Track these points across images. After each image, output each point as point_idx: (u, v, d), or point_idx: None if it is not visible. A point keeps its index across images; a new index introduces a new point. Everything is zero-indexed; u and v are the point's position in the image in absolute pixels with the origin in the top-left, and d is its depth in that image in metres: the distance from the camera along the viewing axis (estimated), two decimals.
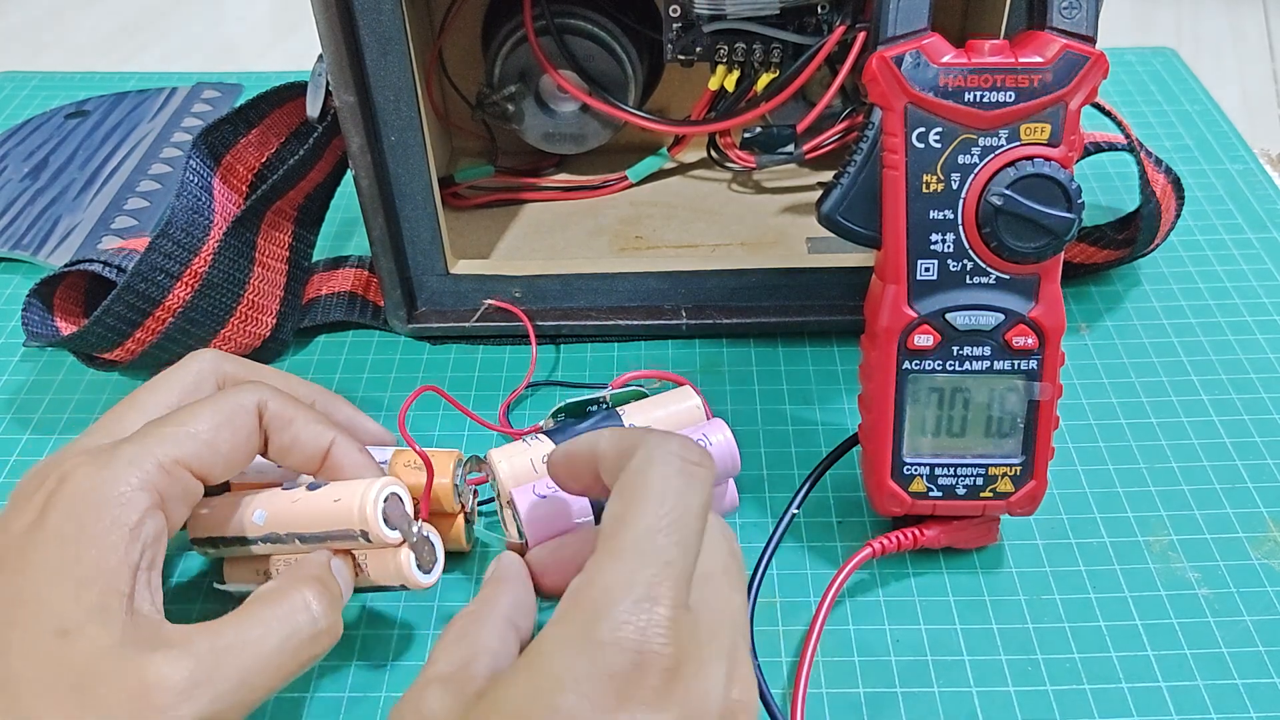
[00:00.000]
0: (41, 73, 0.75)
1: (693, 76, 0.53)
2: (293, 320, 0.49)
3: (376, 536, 0.33)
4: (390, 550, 0.34)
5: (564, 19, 0.49)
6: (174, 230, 0.44)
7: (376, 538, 0.33)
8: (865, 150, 0.33)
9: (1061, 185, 0.32)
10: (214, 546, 0.36)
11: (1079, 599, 0.37)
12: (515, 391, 0.47)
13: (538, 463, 0.37)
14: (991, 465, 0.36)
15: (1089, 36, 0.32)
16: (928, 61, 0.32)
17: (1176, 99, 0.67)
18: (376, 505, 0.33)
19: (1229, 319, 0.49)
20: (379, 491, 0.33)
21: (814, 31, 0.45)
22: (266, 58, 0.79)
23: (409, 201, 0.45)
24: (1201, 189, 0.58)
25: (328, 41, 0.39)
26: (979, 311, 0.34)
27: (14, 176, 0.62)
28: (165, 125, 0.66)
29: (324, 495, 0.34)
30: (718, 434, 0.37)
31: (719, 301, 0.48)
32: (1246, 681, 0.35)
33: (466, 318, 0.48)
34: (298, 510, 0.34)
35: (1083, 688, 0.35)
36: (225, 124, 0.46)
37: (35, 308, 0.46)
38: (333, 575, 0.33)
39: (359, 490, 0.33)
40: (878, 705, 0.34)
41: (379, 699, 0.35)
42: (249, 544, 0.35)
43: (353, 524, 0.33)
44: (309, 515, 0.34)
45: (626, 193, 0.55)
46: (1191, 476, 0.42)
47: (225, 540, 0.35)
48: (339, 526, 0.33)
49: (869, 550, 0.37)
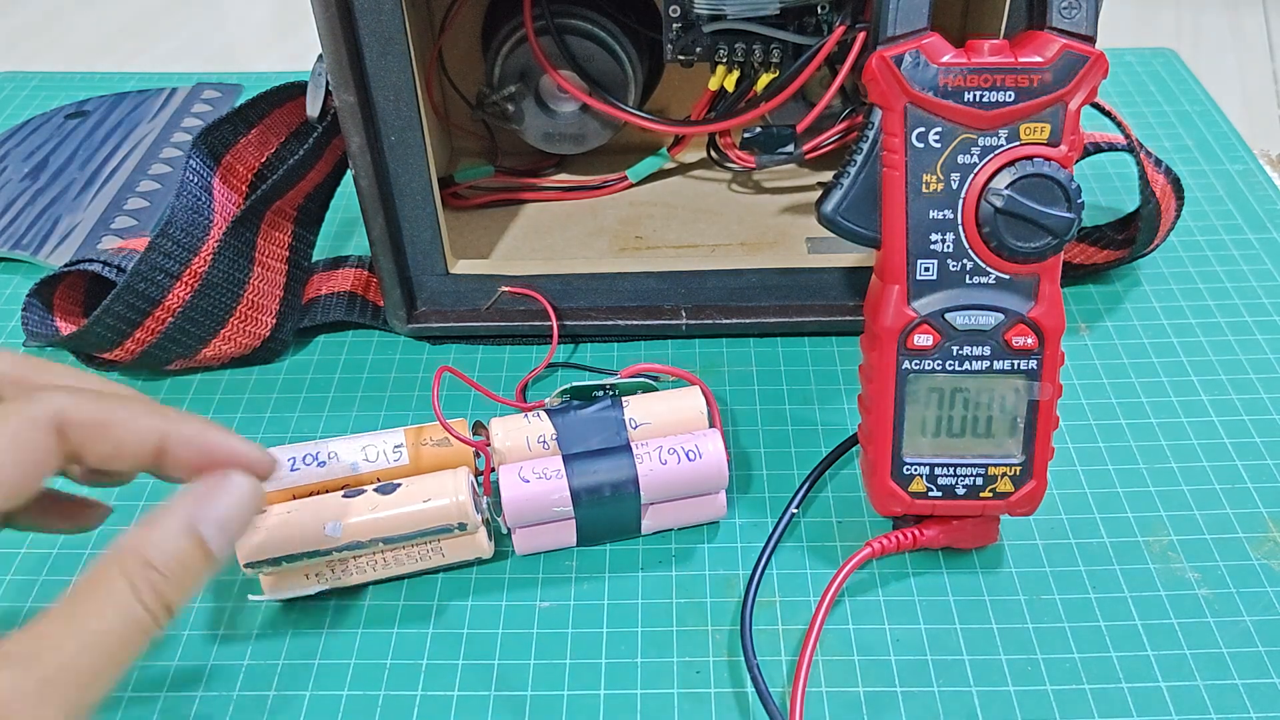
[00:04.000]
0: (41, 73, 0.75)
1: (693, 76, 0.53)
2: (292, 320, 0.49)
3: (473, 524, 0.35)
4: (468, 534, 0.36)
5: (564, 19, 0.49)
6: (174, 230, 0.44)
7: (473, 525, 0.35)
8: (865, 150, 0.33)
9: (1061, 185, 0.32)
10: (274, 565, 0.36)
11: (1079, 599, 0.37)
12: (534, 371, 0.47)
13: (532, 441, 0.38)
14: (991, 465, 0.36)
15: (1089, 36, 0.32)
16: (927, 61, 0.32)
17: (1176, 99, 0.67)
18: (470, 498, 0.35)
19: (1229, 319, 0.49)
20: (469, 484, 0.35)
21: (814, 31, 0.45)
22: (266, 58, 0.79)
23: (409, 201, 0.45)
24: (1201, 189, 0.58)
25: (328, 41, 0.39)
26: (979, 311, 0.34)
27: (14, 176, 0.62)
28: (165, 125, 0.66)
29: (409, 497, 0.35)
30: (708, 444, 0.38)
31: (719, 301, 0.48)
32: (1246, 681, 0.35)
33: (467, 318, 0.48)
34: (382, 517, 0.35)
35: (1082, 688, 0.35)
36: (225, 124, 0.46)
37: (35, 308, 0.46)
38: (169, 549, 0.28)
39: (449, 487, 0.35)
40: (877, 704, 0.35)
41: (378, 697, 0.35)
42: (322, 556, 0.35)
43: (452, 519, 0.35)
44: (399, 520, 0.35)
45: (626, 193, 0.55)
46: (1191, 477, 0.42)
47: (291, 558, 0.35)
48: (436, 524, 0.35)
49: (869, 550, 0.37)
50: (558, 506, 0.37)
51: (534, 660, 0.36)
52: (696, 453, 0.37)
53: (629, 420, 0.38)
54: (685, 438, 0.38)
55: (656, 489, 0.37)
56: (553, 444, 0.38)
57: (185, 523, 0.28)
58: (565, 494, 0.37)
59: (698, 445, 0.38)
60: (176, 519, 0.28)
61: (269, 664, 0.36)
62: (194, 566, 0.28)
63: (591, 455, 0.37)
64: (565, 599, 0.38)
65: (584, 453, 0.38)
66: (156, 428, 0.29)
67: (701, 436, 0.38)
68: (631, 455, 0.37)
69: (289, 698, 0.35)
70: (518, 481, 0.37)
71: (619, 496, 0.37)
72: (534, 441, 0.38)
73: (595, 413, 0.39)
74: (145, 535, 0.28)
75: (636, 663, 0.36)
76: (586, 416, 0.38)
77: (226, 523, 0.29)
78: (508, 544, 0.40)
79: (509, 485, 0.37)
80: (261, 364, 0.49)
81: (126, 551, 0.27)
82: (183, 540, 0.28)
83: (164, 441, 0.29)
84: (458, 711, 0.35)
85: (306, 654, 0.37)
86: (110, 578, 0.27)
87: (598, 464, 0.37)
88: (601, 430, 0.38)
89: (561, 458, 0.37)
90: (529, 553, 0.39)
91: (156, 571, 0.27)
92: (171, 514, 0.28)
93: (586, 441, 0.38)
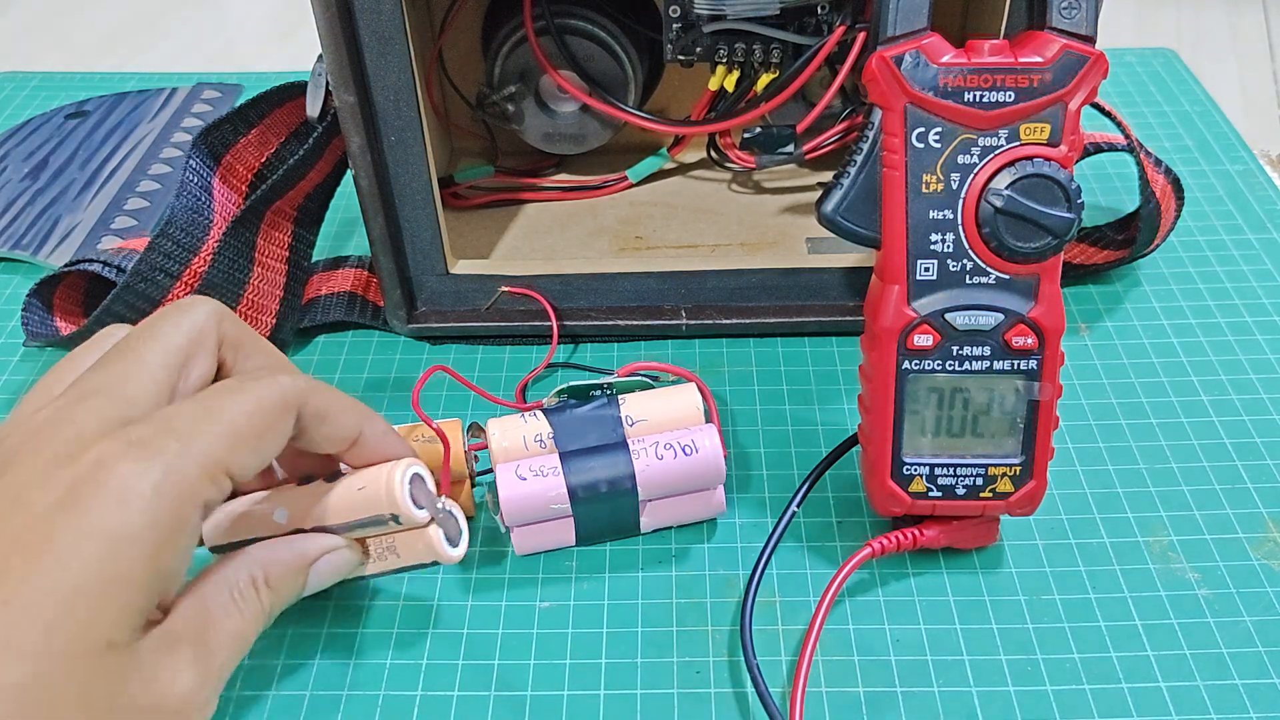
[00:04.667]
0: (41, 73, 0.75)
1: (693, 76, 0.53)
2: (292, 320, 0.49)
3: (408, 518, 0.33)
4: (419, 530, 0.34)
5: (564, 19, 0.49)
6: (173, 230, 0.44)
7: (408, 519, 0.33)
8: (865, 150, 0.33)
9: (1061, 185, 0.32)
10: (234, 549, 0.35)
11: (1079, 599, 0.37)
12: (534, 371, 0.47)
13: (529, 440, 0.38)
14: (991, 465, 0.36)
15: (1089, 36, 0.32)
16: (927, 61, 0.32)
17: (1176, 99, 0.67)
18: (404, 487, 0.32)
19: (1229, 320, 0.49)
20: (404, 473, 0.33)
21: (814, 32, 0.45)
22: (266, 58, 0.79)
23: (409, 201, 0.45)
24: (1201, 189, 0.58)
25: (328, 41, 0.39)
26: (979, 311, 0.34)
27: (14, 176, 0.62)
28: (165, 125, 0.66)
29: (347, 485, 0.34)
30: (704, 438, 0.38)
31: (719, 301, 0.48)
32: (1246, 682, 0.35)
33: (467, 318, 0.48)
34: (322, 504, 0.34)
35: (1082, 688, 0.35)
36: (225, 124, 0.46)
37: (35, 308, 0.46)
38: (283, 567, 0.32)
39: (383, 475, 0.33)
40: (877, 704, 0.35)
41: (377, 697, 0.35)
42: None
43: (383, 509, 0.33)
44: (335, 507, 0.33)
45: (626, 193, 0.55)
46: (1191, 477, 0.42)
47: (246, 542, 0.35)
48: (369, 513, 0.33)
49: (869, 550, 0.37)
50: (555, 504, 0.37)
51: (534, 660, 0.36)
52: (693, 447, 0.37)
53: (625, 418, 0.39)
54: (681, 433, 0.38)
55: (654, 484, 0.37)
56: (549, 442, 0.38)
57: (307, 558, 0.33)
58: (562, 490, 0.37)
59: (694, 440, 0.37)
60: (301, 553, 0.33)
61: (269, 664, 0.36)
62: (289, 592, 0.32)
63: (588, 452, 0.37)
64: (565, 599, 0.38)
65: (580, 450, 0.38)
66: (358, 425, 0.33)
67: (698, 431, 0.38)
68: (628, 451, 0.37)
69: (289, 697, 0.35)
70: (514, 479, 0.37)
71: (616, 492, 0.37)
72: (531, 440, 0.38)
73: (592, 411, 0.39)
74: (272, 554, 0.32)
75: (636, 663, 0.36)
76: (583, 415, 0.39)
77: (324, 574, 0.33)
78: (507, 544, 0.40)
79: (506, 483, 0.37)
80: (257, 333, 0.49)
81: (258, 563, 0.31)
82: (298, 573, 0.32)
83: (359, 437, 0.33)
84: (458, 711, 0.35)
85: (306, 654, 0.37)
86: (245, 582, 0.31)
87: (594, 460, 0.37)
88: (598, 428, 0.38)
89: (558, 455, 0.37)
90: (528, 553, 0.39)
91: (274, 590, 0.31)
92: (299, 546, 0.33)
93: (583, 439, 0.38)
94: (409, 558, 0.35)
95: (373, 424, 0.33)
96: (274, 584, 0.31)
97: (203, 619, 0.29)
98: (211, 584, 0.30)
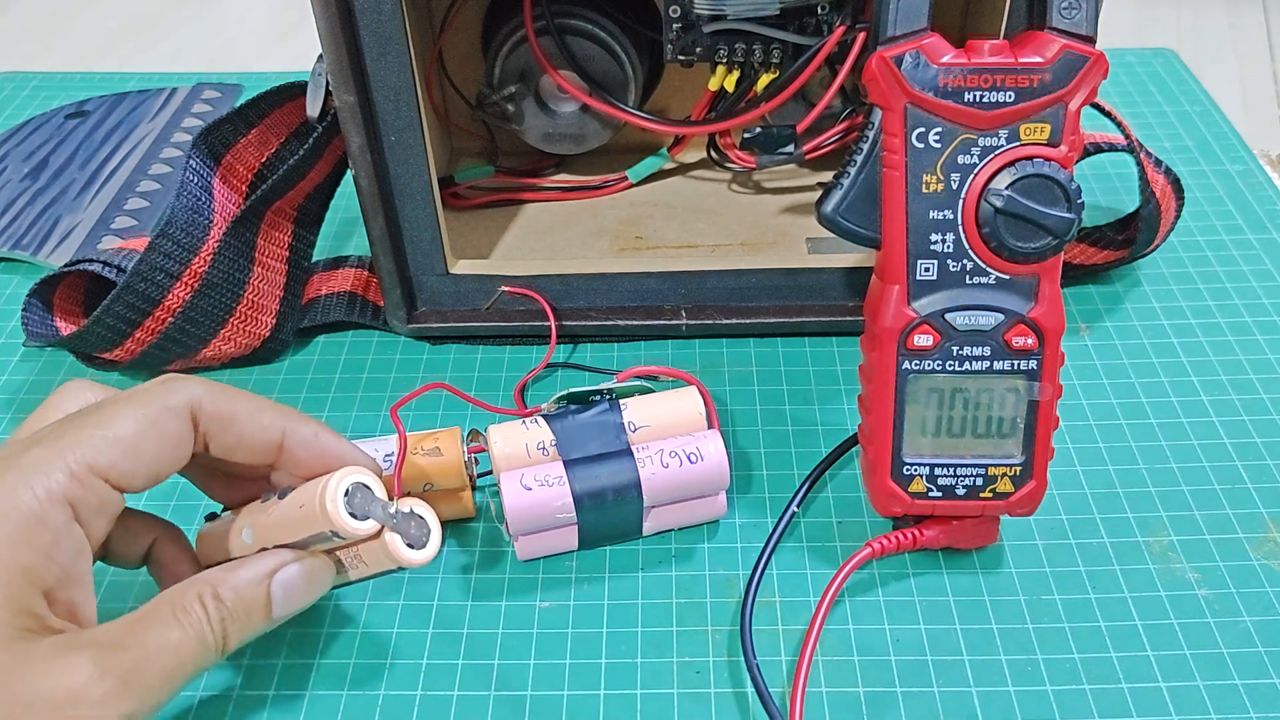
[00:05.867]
0: (41, 73, 0.75)
1: (693, 77, 0.53)
2: (292, 320, 0.49)
3: (348, 533, 0.31)
4: (377, 540, 0.33)
5: (564, 19, 0.49)
6: (174, 230, 0.44)
7: (348, 534, 0.31)
8: (865, 150, 0.33)
9: (1061, 185, 0.32)
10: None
11: (1079, 599, 0.37)
12: (533, 372, 0.47)
13: (532, 447, 0.37)
14: (991, 465, 0.36)
15: (1089, 37, 0.32)
16: (927, 61, 0.32)
17: (1176, 99, 0.67)
18: (336, 502, 0.31)
19: (1229, 319, 0.49)
20: (336, 487, 0.31)
21: (814, 32, 0.45)
22: (266, 58, 0.79)
23: (409, 201, 0.45)
24: (1201, 189, 0.58)
25: (328, 41, 0.39)
26: (979, 311, 0.34)
27: (14, 176, 0.62)
28: (165, 125, 0.66)
29: (291, 502, 0.32)
30: (709, 445, 0.38)
31: (719, 301, 0.48)
32: (1246, 682, 0.35)
33: (467, 318, 0.48)
34: (275, 521, 0.33)
35: (1082, 688, 0.35)
36: (225, 124, 0.46)
37: (35, 308, 0.46)
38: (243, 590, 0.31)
39: (317, 490, 0.31)
40: (877, 704, 0.35)
41: (377, 697, 0.35)
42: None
43: (320, 526, 0.31)
44: (285, 524, 0.32)
45: (626, 193, 0.55)
46: (1191, 477, 0.42)
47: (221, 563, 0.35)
48: (310, 531, 0.32)
49: (869, 550, 0.37)
50: (561, 513, 0.37)
51: (534, 660, 0.36)
52: (698, 455, 0.37)
53: (628, 424, 0.38)
54: (686, 440, 0.38)
55: (659, 492, 0.37)
56: (552, 450, 0.38)
57: (260, 575, 0.31)
58: (568, 500, 0.37)
59: (699, 447, 0.37)
60: (255, 570, 0.31)
61: (269, 664, 0.36)
62: (254, 614, 0.31)
63: (593, 460, 0.37)
64: (565, 599, 0.38)
65: (585, 458, 0.37)
66: (278, 425, 0.32)
67: (702, 438, 0.38)
68: (633, 459, 0.37)
69: (289, 697, 0.35)
70: (520, 489, 0.36)
71: (621, 501, 0.37)
72: (533, 448, 0.38)
73: (594, 417, 0.38)
74: (226, 574, 0.31)
75: (636, 663, 0.36)
76: (585, 421, 0.38)
77: (293, 589, 0.32)
78: (508, 544, 0.40)
79: (511, 493, 0.36)
80: (261, 364, 0.49)
81: (206, 581, 0.30)
82: (254, 589, 0.31)
83: (283, 439, 0.32)
84: (458, 711, 0.35)
85: (306, 654, 0.37)
86: (190, 598, 0.30)
87: (600, 469, 0.37)
88: (601, 435, 0.38)
89: (563, 464, 0.37)
90: (530, 558, 0.39)
91: (224, 605, 0.30)
92: (254, 564, 0.31)
93: (586, 446, 0.38)
94: (376, 565, 0.33)
95: (299, 427, 0.32)
96: (225, 599, 0.30)
97: (127, 629, 0.28)
98: (155, 600, 0.30)
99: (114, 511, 0.30)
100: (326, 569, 0.33)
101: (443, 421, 0.45)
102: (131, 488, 0.29)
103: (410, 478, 0.38)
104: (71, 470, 0.28)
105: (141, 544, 0.34)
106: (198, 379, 0.32)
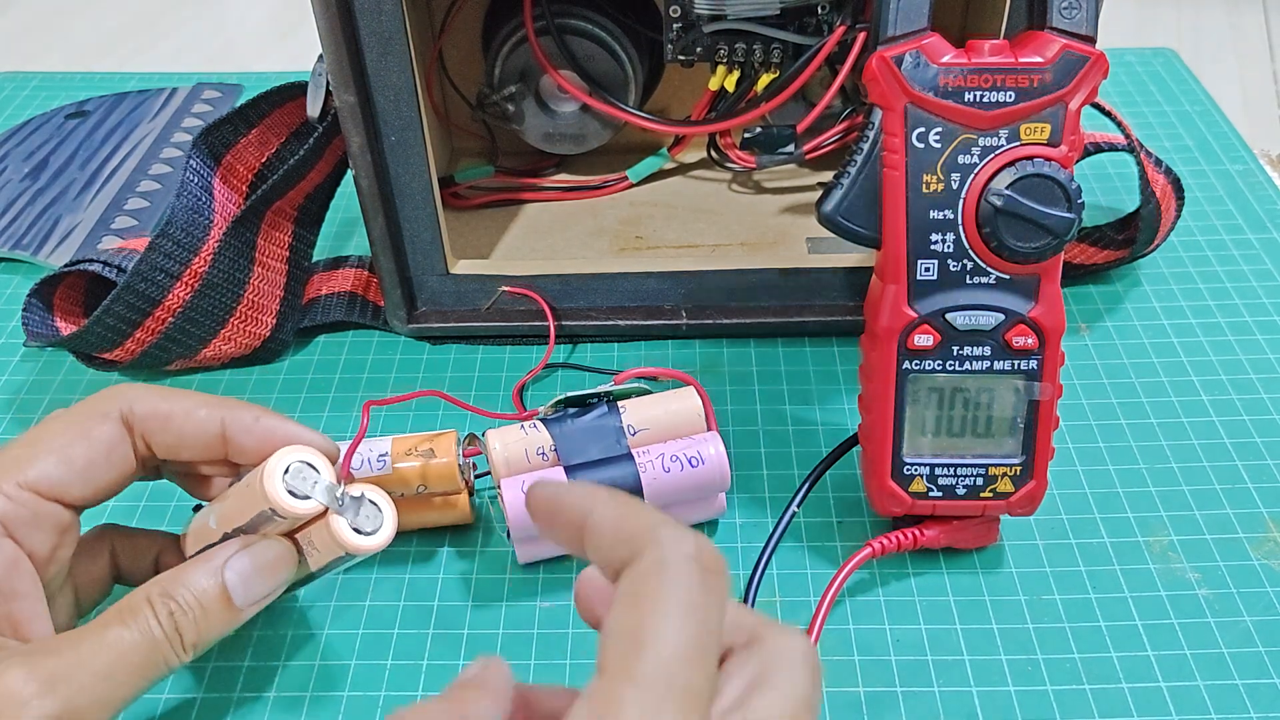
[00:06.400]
0: (41, 73, 0.75)
1: (693, 76, 0.53)
2: (293, 320, 0.49)
3: (286, 511, 0.31)
4: (323, 523, 0.32)
5: (564, 19, 0.49)
6: (174, 230, 0.44)
7: (287, 512, 0.31)
8: (865, 150, 0.33)
9: (1061, 185, 0.32)
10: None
11: (1079, 599, 0.37)
12: (532, 372, 0.47)
13: (531, 453, 0.37)
14: (991, 465, 0.36)
15: (1089, 36, 0.32)
16: (928, 61, 0.32)
17: (1176, 99, 0.67)
18: (274, 480, 0.30)
19: (1229, 319, 0.49)
20: (275, 465, 0.31)
21: (814, 32, 0.45)
22: (266, 58, 0.79)
23: (409, 201, 0.45)
24: (1201, 189, 0.58)
25: (328, 41, 0.39)
26: (979, 311, 0.34)
27: (14, 176, 0.62)
28: (165, 125, 0.66)
29: (241, 483, 0.32)
30: (710, 448, 0.37)
31: (719, 301, 0.48)
32: (1246, 682, 0.35)
33: (467, 318, 0.48)
34: (230, 505, 0.32)
35: (1083, 688, 0.35)
36: (225, 124, 0.46)
37: (35, 308, 0.46)
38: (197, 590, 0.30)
39: (259, 470, 0.31)
40: (877, 704, 0.34)
41: (378, 697, 0.35)
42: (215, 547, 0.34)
43: (261, 504, 0.31)
44: (239, 507, 0.32)
45: (626, 193, 0.55)
46: (1191, 477, 0.42)
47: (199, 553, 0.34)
48: (256, 510, 0.31)
49: (869, 550, 0.37)
50: None
51: (534, 661, 0.36)
52: (699, 458, 0.37)
53: (627, 427, 0.38)
54: (686, 443, 0.38)
55: (660, 496, 0.37)
56: (552, 455, 0.38)
57: (212, 568, 0.31)
58: None
59: (699, 451, 0.37)
60: (207, 564, 0.31)
61: (269, 665, 0.36)
62: (212, 608, 0.30)
63: (594, 465, 0.37)
64: (566, 599, 0.38)
65: (586, 463, 0.37)
66: (215, 416, 0.31)
67: (703, 442, 0.38)
68: (634, 464, 0.37)
69: (289, 698, 0.35)
70: (521, 495, 0.36)
71: None
72: (533, 454, 0.37)
73: (593, 420, 0.38)
74: (176, 572, 0.30)
75: None
76: (584, 425, 0.38)
77: (249, 575, 0.31)
78: (508, 545, 0.40)
79: (513, 499, 0.36)
80: (262, 364, 0.49)
81: (157, 581, 0.30)
82: (206, 581, 0.30)
83: (224, 429, 0.31)
84: None
85: (307, 655, 0.37)
86: (138, 599, 0.29)
87: (601, 474, 0.37)
88: (601, 439, 0.38)
89: (563, 469, 0.37)
90: (530, 562, 0.39)
91: (175, 602, 0.30)
92: (205, 559, 0.31)
93: (586, 451, 0.38)
94: (329, 552, 0.32)
95: (239, 414, 0.32)
96: (178, 596, 0.30)
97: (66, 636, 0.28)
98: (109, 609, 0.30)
99: (59, 524, 0.30)
100: (283, 552, 0.32)
101: (442, 424, 0.45)
102: (72, 496, 0.30)
103: (403, 480, 0.37)
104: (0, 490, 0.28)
105: (148, 559, 0.34)
106: (135, 385, 0.32)
